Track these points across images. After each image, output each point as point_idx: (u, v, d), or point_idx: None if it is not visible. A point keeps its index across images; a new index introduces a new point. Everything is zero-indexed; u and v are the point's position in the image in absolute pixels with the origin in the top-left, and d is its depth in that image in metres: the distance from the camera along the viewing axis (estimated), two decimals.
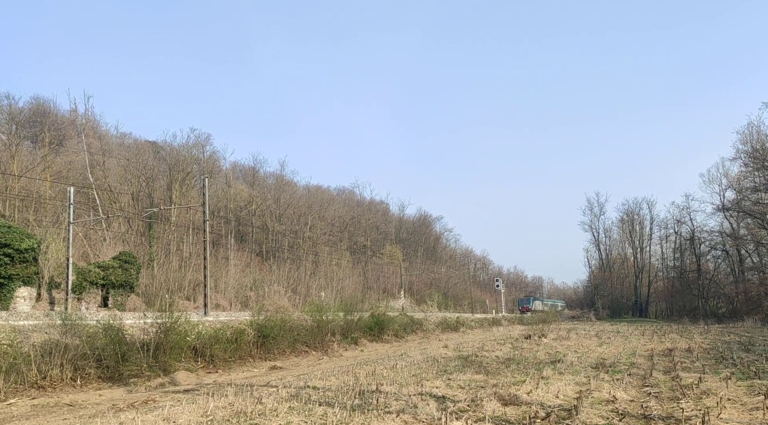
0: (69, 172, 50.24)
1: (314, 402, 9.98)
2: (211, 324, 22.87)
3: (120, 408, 11.36)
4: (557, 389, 11.36)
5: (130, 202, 53.24)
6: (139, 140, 70.53)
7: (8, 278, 28.97)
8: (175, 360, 18.26)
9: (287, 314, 27.11)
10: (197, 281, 44.58)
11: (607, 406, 9.81)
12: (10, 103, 60.86)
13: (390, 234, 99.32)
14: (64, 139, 59.16)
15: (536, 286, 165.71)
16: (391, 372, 15.55)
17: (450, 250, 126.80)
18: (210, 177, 39.66)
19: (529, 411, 9.20)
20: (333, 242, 79.90)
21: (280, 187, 76.82)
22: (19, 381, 14.29)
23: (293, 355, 24.70)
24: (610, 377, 13.56)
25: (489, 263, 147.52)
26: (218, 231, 58.98)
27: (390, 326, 35.76)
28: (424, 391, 11.30)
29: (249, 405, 9.60)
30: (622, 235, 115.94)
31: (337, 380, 13.73)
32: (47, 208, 43.58)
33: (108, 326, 17.30)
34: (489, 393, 10.78)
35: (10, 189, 41.91)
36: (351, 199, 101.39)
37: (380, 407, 9.41)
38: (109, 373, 16.43)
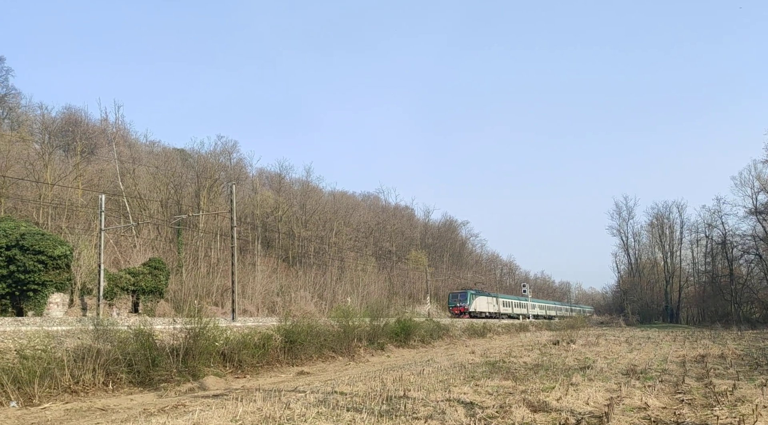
0: (100, 180, 51.19)
1: (342, 407, 10.00)
2: (238, 330, 23.07)
3: (151, 413, 11.51)
4: (587, 395, 11.21)
5: (159, 209, 54.01)
6: (168, 148, 71.57)
7: (42, 284, 29.54)
8: (204, 365, 18.45)
9: (314, 320, 27.23)
10: (225, 287, 45.02)
11: (638, 413, 9.65)
12: (43, 113, 62.42)
13: (415, 239, 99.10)
14: (96, 148, 60.30)
15: (563, 292, 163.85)
16: (418, 377, 15.50)
17: (476, 255, 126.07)
18: (237, 184, 40.09)
19: (559, 418, 9.10)
20: (358, 248, 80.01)
21: (305, 193, 77.22)
22: (52, 386, 14.56)
23: (320, 361, 24.77)
24: (641, 384, 13.35)
25: (515, 268, 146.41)
26: (245, 238, 59.49)
27: (416, 332, 35.65)
28: (451, 397, 11.24)
29: (277, 411, 9.66)
30: (652, 239, 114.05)
31: (364, 385, 13.73)
32: (79, 215, 44.44)
33: (139, 331, 17.56)
34: (518, 399, 10.69)
35: (44, 197, 42.83)
36: (376, 204, 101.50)
37: (408, 413, 9.39)
38: (140, 378, 16.66)
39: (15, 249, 29.17)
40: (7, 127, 62.55)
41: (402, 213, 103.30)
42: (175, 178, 57.49)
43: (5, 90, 68.94)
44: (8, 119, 66.20)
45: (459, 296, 67.19)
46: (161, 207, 54.32)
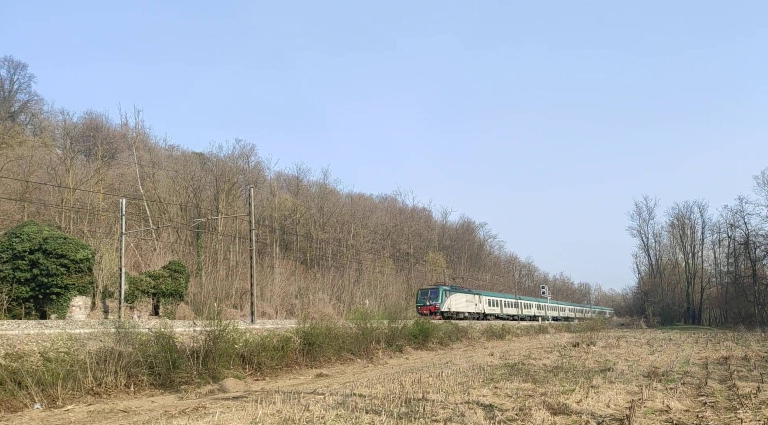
0: (121, 184, 51.82)
1: (361, 409, 10.02)
2: (257, 332, 23.18)
3: (172, 415, 11.62)
4: (608, 398, 11.10)
5: (178, 212, 54.54)
6: (187, 152, 72.30)
7: (65, 288, 29.98)
8: (224, 367, 18.56)
9: (332, 322, 27.29)
10: (244, 289, 45.31)
11: (660, 416, 9.54)
12: (64, 119, 63.43)
13: (433, 241, 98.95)
14: (116, 153, 61.10)
15: (583, 293, 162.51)
16: (437, 380, 15.47)
17: (494, 257, 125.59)
18: (255, 187, 40.36)
19: (580, 420, 9.03)
20: (376, 250, 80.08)
21: (323, 196, 77.48)
22: (75, 388, 14.73)
23: (338, 363, 24.80)
24: (663, 386, 13.19)
25: (534, 270, 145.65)
26: (263, 240, 59.84)
27: (434, 334, 35.57)
28: (470, 400, 11.20)
29: (296, 413, 9.70)
30: (673, 240, 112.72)
31: (382, 388, 13.73)
32: (100, 219, 45.02)
33: (159, 334, 17.71)
34: (537, 402, 10.62)
35: (66, 201, 43.44)
36: (393, 206, 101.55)
37: (427, 415, 9.38)
38: (160, 380, 16.80)
39: (38, 253, 29.64)
40: (29, 132, 63.69)
41: (419, 215, 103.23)
42: (194, 181, 58.02)
43: (28, 96, 70.27)
44: (31, 125, 67.42)
45: (429, 293, 54.60)
46: (181, 210, 54.85)
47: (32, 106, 70.14)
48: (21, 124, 64.48)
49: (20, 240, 29.79)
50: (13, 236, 30.15)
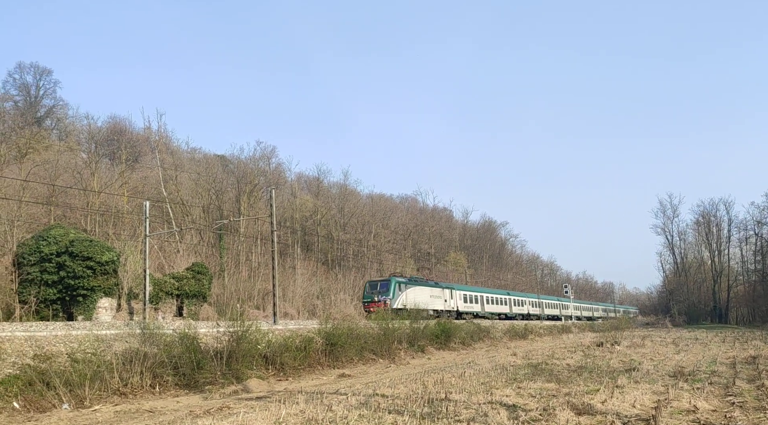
0: (144, 187, 52.47)
1: (383, 410, 10.03)
2: (280, 333, 23.32)
3: (197, 415, 11.74)
4: (633, 398, 10.98)
5: (201, 214, 55.06)
6: (209, 154, 72.99)
7: (91, 289, 30.43)
8: (247, 367, 18.71)
9: (354, 322, 27.35)
10: (266, 290, 45.61)
11: (687, 416, 9.41)
12: (89, 123, 64.44)
13: (454, 241, 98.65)
14: (140, 156, 61.91)
15: (607, 292, 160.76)
16: (460, 380, 15.43)
17: (516, 256, 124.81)
18: (276, 188, 40.60)
19: (605, 421, 8.95)
20: (397, 250, 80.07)
21: (343, 197, 77.68)
22: (102, 389, 14.97)
23: (361, 363, 24.85)
24: (689, 386, 13.01)
25: (557, 269, 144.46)
26: (285, 241, 60.16)
27: (456, 334, 35.48)
28: (493, 400, 11.15)
29: (320, 413, 9.74)
30: (698, 238, 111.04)
31: (405, 388, 13.73)
32: (125, 221, 45.62)
33: (184, 335, 17.92)
34: (561, 402, 10.54)
35: (91, 204, 44.10)
36: (414, 206, 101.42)
37: (450, 415, 9.36)
38: (185, 380, 16.99)
39: (65, 256, 30.12)
40: (55, 137, 64.83)
41: (440, 214, 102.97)
42: (216, 183, 58.55)
43: (53, 101, 71.52)
44: (57, 130, 68.63)
45: (379, 286, 43.59)
46: (203, 212, 55.38)
47: (58, 111, 71.40)
48: (47, 128, 65.64)
49: (47, 243, 30.30)
50: (40, 239, 30.68)
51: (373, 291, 43.25)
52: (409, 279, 46.38)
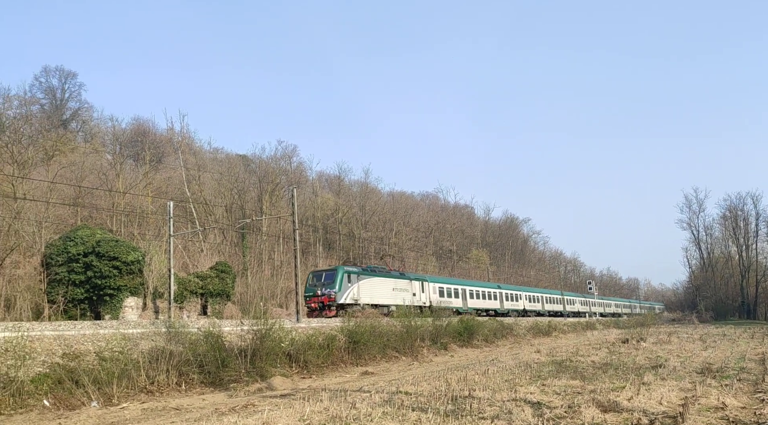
0: (168, 188, 53.06)
1: (407, 407, 10.03)
2: (303, 331, 23.46)
3: (222, 412, 11.86)
4: (660, 395, 10.84)
5: (224, 214, 55.56)
6: (231, 154, 73.56)
7: (117, 289, 30.90)
8: (271, 365, 18.85)
9: (376, 320, 27.39)
10: (289, 289, 45.88)
11: (715, 413, 9.27)
12: (113, 125, 65.32)
13: (476, 238, 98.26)
14: (163, 157, 62.60)
15: (632, 288, 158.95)
16: (483, 377, 15.37)
17: (538, 253, 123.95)
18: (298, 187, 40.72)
19: (631, 418, 8.85)
20: (419, 247, 79.98)
21: (364, 195, 77.79)
22: (129, 386, 15.20)
23: (384, 361, 24.89)
24: (717, 383, 12.81)
25: (580, 265, 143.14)
26: (307, 240, 60.43)
27: (479, 331, 35.36)
28: (518, 397, 11.10)
29: (343, 410, 9.78)
30: (725, 233, 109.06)
31: (428, 385, 13.72)
32: (149, 221, 46.21)
33: (208, 333, 18.11)
34: (586, 399, 10.45)
35: (116, 205, 44.74)
36: (435, 203, 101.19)
37: (474, 413, 9.34)
38: (210, 378, 17.18)
39: (92, 256, 30.63)
40: (81, 139, 65.85)
41: (461, 211, 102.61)
42: (239, 183, 59.03)
43: (78, 104, 72.63)
44: (82, 132, 69.67)
45: (323, 277, 35.76)
46: (226, 212, 55.87)
47: (83, 113, 72.50)
48: (73, 131, 66.71)
49: (74, 244, 30.83)
50: (67, 240, 31.22)
51: (317, 283, 35.69)
52: (364, 269, 38.96)
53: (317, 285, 35.45)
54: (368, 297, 36.35)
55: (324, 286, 34.80)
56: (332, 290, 34.18)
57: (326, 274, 35.82)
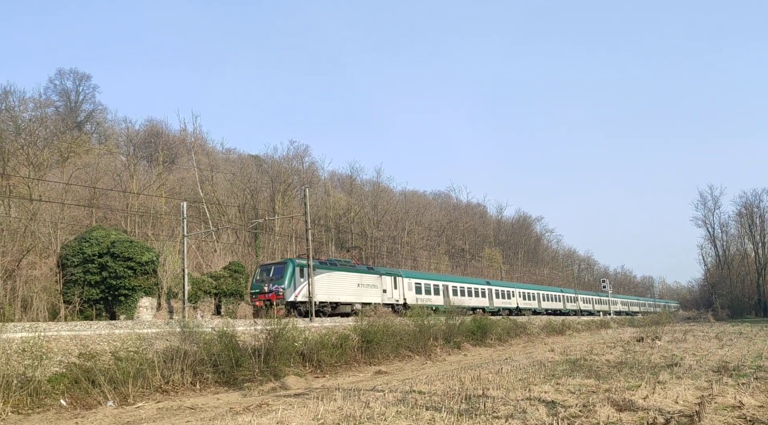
0: (181, 188, 53.39)
1: (421, 406, 10.03)
2: (316, 330, 23.53)
3: (237, 412, 11.92)
4: (676, 394, 10.76)
5: (236, 214, 55.80)
6: (243, 155, 73.87)
7: (132, 289, 31.15)
8: (285, 365, 18.93)
9: (389, 319, 27.42)
10: None
11: (732, 412, 9.17)
12: (127, 127, 65.89)
13: (488, 236, 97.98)
14: (176, 157, 62.97)
15: (646, 286, 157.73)
16: (497, 376, 15.32)
17: (552, 251, 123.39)
18: (310, 187, 40.85)
19: (647, 417, 8.78)
20: (431, 246, 79.90)
21: (376, 194, 77.83)
22: (145, 386, 15.33)
23: (397, 360, 24.91)
24: (734, 381, 12.68)
25: (594, 263, 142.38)
26: (319, 239, 60.56)
27: (493, 330, 35.30)
28: (532, 396, 11.05)
29: (357, 409, 9.79)
30: (741, 230, 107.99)
31: (442, 384, 13.71)
32: (163, 222, 46.52)
33: (222, 333, 18.22)
34: (601, 398, 10.39)
35: (130, 206, 45.09)
36: (447, 202, 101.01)
37: (488, 412, 9.31)
38: (224, 378, 17.29)
39: (107, 257, 30.90)
40: (95, 141, 66.38)
41: (474, 210, 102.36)
42: (251, 183, 59.28)
43: (92, 106, 73.23)
44: (96, 133, 70.24)
45: (272, 272, 31.85)
46: (239, 212, 56.12)
47: (97, 115, 73.09)
48: (87, 133, 67.23)
49: (89, 245, 31.11)
50: (83, 241, 31.52)
51: (264, 278, 31.67)
52: (322, 262, 34.31)
53: (264, 280, 31.42)
54: (326, 294, 32.17)
55: (271, 282, 30.79)
56: (280, 286, 30.10)
57: (275, 268, 31.97)
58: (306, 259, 31.04)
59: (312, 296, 29.55)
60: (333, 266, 34.60)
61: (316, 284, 30.72)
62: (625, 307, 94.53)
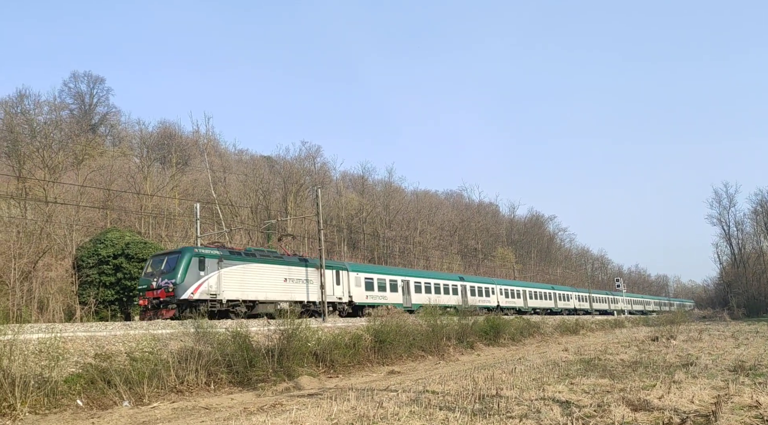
0: (194, 190, 53.72)
1: (434, 406, 10.02)
2: (329, 330, 23.57)
3: (251, 412, 11.97)
4: (692, 394, 10.67)
5: (249, 215, 56.04)
6: (255, 156, 74.21)
7: None
8: (298, 365, 18.98)
9: (402, 319, 27.41)
10: None
11: (749, 412, 9.08)
12: (141, 129, 66.29)
13: (501, 236, 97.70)
14: (189, 159, 63.35)
15: (661, 285, 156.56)
16: (510, 376, 15.27)
17: (565, 250, 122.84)
18: (322, 187, 40.92)
19: (662, 417, 8.71)
20: (443, 246, 79.80)
21: (388, 194, 77.85)
22: (160, 386, 15.43)
23: (410, 360, 24.89)
24: (751, 380, 12.55)
25: (607, 262, 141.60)
26: (332, 240, 60.70)
27: (506, 330, 35.18)
28: (546, 396, 11.01)
29: (371, 410, 9.80)
30: (757, 228, 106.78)
31: (455, 384, 13.68)
32: (177, 223, 46.84)
33: (236, 333, 18.30)
34: (616, 398, 10.32)
35: (144, 207, 45.44)
36: (459, 202, 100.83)
37: (502, 412, 9.29)
38: (238, 378, 17.37)
39: (121, 258, 31.18)
40: (109, 143, 66.96)
41: (486, 209, 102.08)
42: (263, 184, 59.52)
43: (106, 109, 73.80)
44: (110, 136, 70.83)
45: (164, 264, 25.23)
46: (251, 213, 56.36)
47: (111, 117, 73.65)
48: (101, 135, 67.82)
49: (104, 246, 31.41)
50: (98, 242, 31.83)
51: (153, 271, 25.30)
52: (232, 252, 28.16)
53: (153, 274, 25.06)
54: (238, 291, 26.55)
55: (160, 276, 24.53)
56: (171, 281, 23.98)
57: (168, 259, 25.31)
58: (212, 248, 27.17)
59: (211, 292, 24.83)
60: (250, 257, 28.43)
61: (224, 278, 25.89)
62: (639, 306, 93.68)
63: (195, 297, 24.35)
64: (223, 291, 25.57)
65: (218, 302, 25.07)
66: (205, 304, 24.40)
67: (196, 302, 24.28)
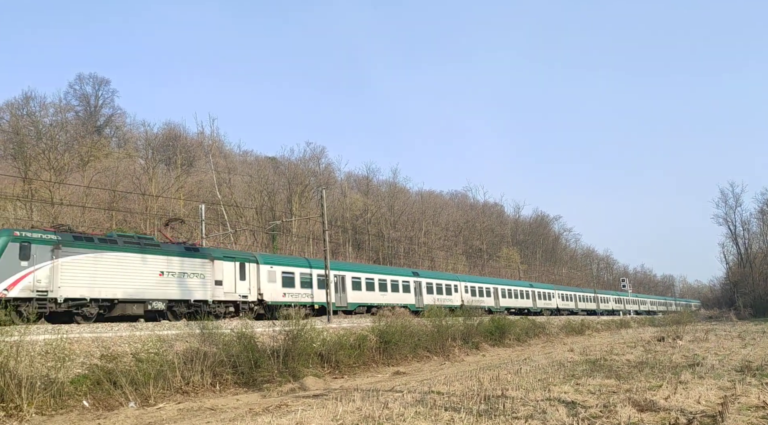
0: (199, 191, 53.83)
1: (440, 407, 10.00)
2: (334, 331, 23.56)
3: (257, 412, 11.99)
4: (698, 394, 10.62)
5: (254, 215, 56.11)
6: (260, 157, 74.29)
7: None
8: (303, 366, 18.98)
9: (407, 320, 27.38)
10: None
11: (756, 412, 9.04)
12: (146, 130, 66.58)
13: (506, 236, 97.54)
14: (194, 160, 63.50)
15: (667, 286, 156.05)
16: (516, 377, 15.24)
17: (570, 251, 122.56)
18: (326, 188, 40.92)
19: (669, 417, 8.68)
20: (448, 247, 79.71)
21: (393, 195, 77.78)
22: (165, 387, 15.45)
23: (415, 360, 24.86)
24: (758, 381, 12.49)
25: (613, 263, 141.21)
26: (336, 240, 60.72)
27: (511, 330, 35.10)
28: (551, 396, 10.98)
29: (376, 410, 9.80)
30: (763, 227, 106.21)
31: (460, 385, 13.66)
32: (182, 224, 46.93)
33: (241, 334, 18.31)
34: (622, 398, 10.29)
35: (150, 209, 45.54)
36: (464, 202, 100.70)
37: (507, 412, 9.27)
38: (243, 379, 17.38)
39: None
40: (115, 145, 67.18)
41: (491, 210, 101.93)
42: (268, 185, 59.59)
43: (112, 110, 74.11)
44: (115, 137, 71.10)
45: None
46: (256, 214, 56.43)
47: (116, 119, 73.96)
48: (107, 137, 68.06)
49: None
50: None
51: None
52: (78, 236, 22.05)
53: None
54: (85, 287, 21.03)
55: None
56: None
57: None
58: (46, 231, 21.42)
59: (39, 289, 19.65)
60: (106, 243, 22.42)
61: (61, 270, 20.42)
62: (645, 306, 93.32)
63: (15, 295, 19.02)
64: (60, 286, 20.23)
65: (51, 301, 19.91)
66: (30, 304, 19.09)
67: (18, 300, 19.00)
